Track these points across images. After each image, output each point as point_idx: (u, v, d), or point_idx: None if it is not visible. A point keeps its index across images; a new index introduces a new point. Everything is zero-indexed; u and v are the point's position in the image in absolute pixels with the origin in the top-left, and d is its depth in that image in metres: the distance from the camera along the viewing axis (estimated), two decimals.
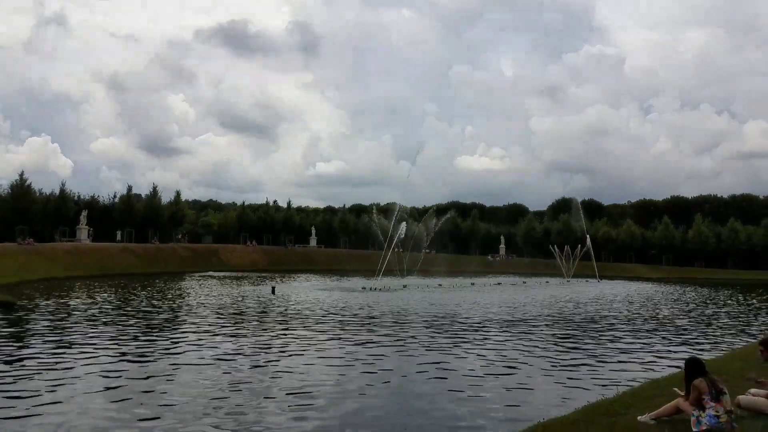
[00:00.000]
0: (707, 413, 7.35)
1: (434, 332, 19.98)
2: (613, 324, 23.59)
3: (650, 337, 20.15)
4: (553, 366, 14.53)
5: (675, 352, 17.03)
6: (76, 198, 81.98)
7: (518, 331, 20.82)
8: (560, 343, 18.20)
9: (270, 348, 16.51)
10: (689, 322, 25.38)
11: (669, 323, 24.53)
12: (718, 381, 7.66)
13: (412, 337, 18.80)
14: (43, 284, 39.81)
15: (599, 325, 23.06)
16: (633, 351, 17.12)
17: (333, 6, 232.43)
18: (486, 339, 18.69)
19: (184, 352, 15.66)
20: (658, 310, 30.06)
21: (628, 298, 38.53)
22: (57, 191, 79.60)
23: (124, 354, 15.18)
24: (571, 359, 15.51)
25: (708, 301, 37.76)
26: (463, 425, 9.56)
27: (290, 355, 15.36)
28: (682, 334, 21.20)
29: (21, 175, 74.64)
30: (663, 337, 20.24)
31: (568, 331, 21.13)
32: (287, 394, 11.27)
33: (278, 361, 14.62)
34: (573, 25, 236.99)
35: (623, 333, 21.01)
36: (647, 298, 39.75)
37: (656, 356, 16.40)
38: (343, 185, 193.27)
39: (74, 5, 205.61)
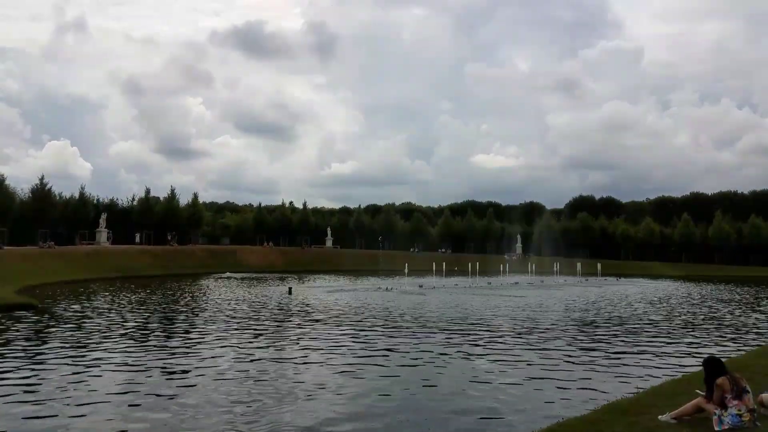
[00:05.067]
0: (729, 412, 7.24)
1: (451, 333, 19.92)
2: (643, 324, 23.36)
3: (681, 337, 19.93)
4: (573, 365, 14.42)
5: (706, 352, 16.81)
6: (95, 201, 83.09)
7: (537, 330, 20.68)
8: (580, 343, 18.05)
9: (287, 350, 16.57)
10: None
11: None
12: (740, 379, 7.54)
13: (430, 338, 18.77)
14: (64, 287, 40.34)
15: (625, 325, 22.85)
16: (657, 350, 16.94)
17: (345, 6, 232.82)
18: (505, 339, 18.60)
19: (204, 354, 15.80)
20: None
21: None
22: (77, 195, 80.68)
23: (143, 357, 15.33)
24: (591, 358, 15.37)
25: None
26: (482, 424, 9.52)
27: (308, 357, 15.41)
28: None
29: (41, 179, 75.72)
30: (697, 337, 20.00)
31: (588, 331, 20.95)
32: (307, 397, 11.32)
33: (296, 363, 14.68)
34: (588, 20, 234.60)
35: (648, 333, 20.79)
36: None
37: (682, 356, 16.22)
38: (358, 185, 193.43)
39: (92, 10, 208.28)
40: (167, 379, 12.61)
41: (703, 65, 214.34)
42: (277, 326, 21.27)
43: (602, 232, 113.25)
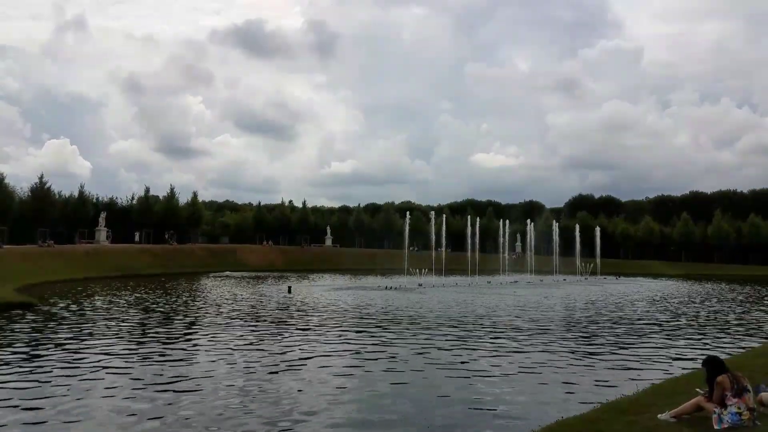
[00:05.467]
0: (729, 410, 7.23)
1: (451, 332, 19.91)
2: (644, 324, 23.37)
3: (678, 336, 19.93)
4: (572, 363, 14.41)
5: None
6: (94, 200, 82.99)
7: (536, 329, 20.67)
8: (580, 342, 18.04)
9: (286, 349, 16.54)
10: None
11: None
12: (742, 377, 7.54)
13: (430, 337, 18.76)
14: (64, 285, 40.31)
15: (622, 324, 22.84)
16: (657, 349, 16.93)
17: (345, 6, 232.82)
18: (504, 338, 18.58)
19: (202, 353, 15.81)
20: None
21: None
22: (76, 193, 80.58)
23: (141, 356, 15.32)
24: (592, 357, 15.36)
25: None
26: (481, 424, 9.51)
27: (308, 356, 15.39)
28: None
29: (41, 177, 75.47)
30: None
31: (587, 329, 20.94)
32: (306, 396, 11.31)
33: (296, 362, 14.67)
34: (588, 20, 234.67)
35: (648, 332, 20.79)
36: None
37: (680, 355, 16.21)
38: (358, 184, 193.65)
39: (92, 9, 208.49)
40: (164, 379, 12.57)
41: (703, 65, 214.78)
42: (277, 325, 21.24)
43: (602, 231, 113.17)
